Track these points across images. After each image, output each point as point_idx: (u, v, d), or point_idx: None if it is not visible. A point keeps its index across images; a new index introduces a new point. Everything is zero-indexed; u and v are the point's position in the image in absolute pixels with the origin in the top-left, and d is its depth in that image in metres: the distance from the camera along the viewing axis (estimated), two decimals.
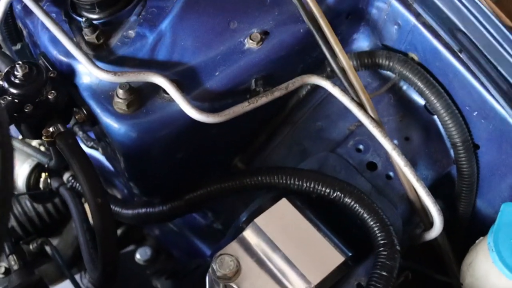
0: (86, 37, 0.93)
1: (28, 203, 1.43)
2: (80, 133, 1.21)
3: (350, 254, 0.93)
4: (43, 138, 0.91)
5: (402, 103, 1.08)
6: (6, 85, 0.89)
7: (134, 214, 1.07)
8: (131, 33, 0.95)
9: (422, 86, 1.01)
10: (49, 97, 0.91)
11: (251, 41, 0.95)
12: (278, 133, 1.11)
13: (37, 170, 1.23)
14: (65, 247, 1.48)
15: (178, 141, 0.94)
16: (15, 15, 1.08)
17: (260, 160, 1.11)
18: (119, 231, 1.44)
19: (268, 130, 1.10)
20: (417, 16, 1.00)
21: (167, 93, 0.90)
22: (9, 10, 1.10)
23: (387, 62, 1.03)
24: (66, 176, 1.17)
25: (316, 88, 1.08)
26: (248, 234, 0.92)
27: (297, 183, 0.97)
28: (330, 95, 1.03)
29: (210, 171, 1.08)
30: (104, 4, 0.94)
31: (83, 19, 0.92)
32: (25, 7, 1.03)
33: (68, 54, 0.93)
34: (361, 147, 1.06)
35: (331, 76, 1.05)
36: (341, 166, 1.03)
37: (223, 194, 1.01)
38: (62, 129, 0.92)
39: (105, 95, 0.92)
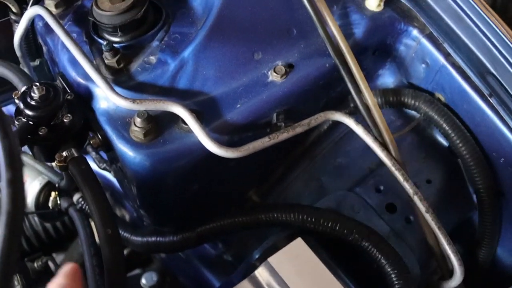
0: (106, 61, 0.91)
1: (36, 218, 1.41)
2: (93, 154, 1.19)
3: None
4: (56, 162, 0.89)
5: (425, 144, 1.05)
6: (21, 106, 0.87)
7: (143, 242, 1.04)
8: (153, 59, 0.92)
9: (447, 128, 0.97)
10: (65, 120, 0.88)
11: (275, 74, 0.92)
12: (296, 167, 1.08)
13: (47, 188, 1.20)
14: None
15: (194, 173, 0.91)
16: (36, 31, 1.06)
17: (276, 194, 1.08)
18: (124, 252, 1.41)
19: (286, 163, 1.07)
20: (447, 56, 0.97)
21: (186, 124, 0.87)
22: (31, 25, 1.08)
23: (412, 102, 1.00)
24: (76, 197, 1.14)
25: (338, 123, 1.05)
26: (261, 273, 0.89)
27: (314, 222, 0.94)
28: (351, 131, 1.00)
29: (224, 203, 1.05)
30: (127, 27, 0.92)
31: (105, 42, 0.89)
32: (47, 25, 1.01)
33: (86, 76, 0.91)
34: (381, 187, 1.03)
35: (354, 112, 1.02)
36: (359, 206, 1.00)
37: (236, 229, 0.98)
38: (75, 154, 0.89)
39: (122, 122, 0.89)
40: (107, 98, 0.90)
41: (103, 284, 1.00)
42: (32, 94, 0.87)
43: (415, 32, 0.99)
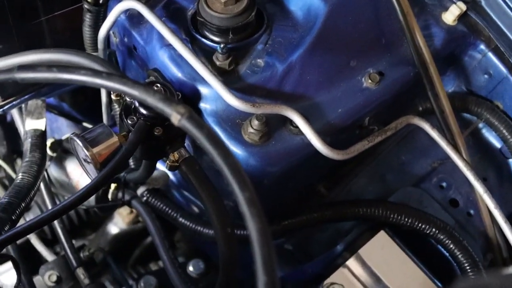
0: (217, 62, 0.92)
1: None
2: None
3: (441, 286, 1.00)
4: (168, 162, 0.90)
5: (479, 146, 1.17)
6: (137, 104, 0.87)
7: None
8: (260, 62, 0.95)
9: (506, 133, 1.09)
10: None
11: (369, 80, 0.99)
12: (361, 163, 1.15)
13: None
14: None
15: (295, 172, 0.96)
16: (116, 23, 1.03)
17: (340, 187, 1.15)
18: None
19: (356, 160, 1.14)
20: (511, 69, 1.08)
21: (294, 126, 0.92)
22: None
23: (476, 108, 1.11)
24: (141, 190, 1.15)
25: None
26: (352, 263, 0.98)
27: (396, 217, 1.02)
28: (414, 130, 1.10)
29: (298, 195, 1.11)
30: (238, 30, 0.93)
31: (221, 45, 0.90)
32: (131, 17, 1.00)
33: (193, 76, 0.92)
34: (444, 184, 1.13)
35: (421, 114, 1.11)
36: (427, 202, 1.10)
37: (321, 222, 1.05)
38: (186, 155, 0.90)
39: (232, 123, 0.92)
40: (215, 99, 0.92)
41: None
42: None
43: (482, 46, 1.09)
